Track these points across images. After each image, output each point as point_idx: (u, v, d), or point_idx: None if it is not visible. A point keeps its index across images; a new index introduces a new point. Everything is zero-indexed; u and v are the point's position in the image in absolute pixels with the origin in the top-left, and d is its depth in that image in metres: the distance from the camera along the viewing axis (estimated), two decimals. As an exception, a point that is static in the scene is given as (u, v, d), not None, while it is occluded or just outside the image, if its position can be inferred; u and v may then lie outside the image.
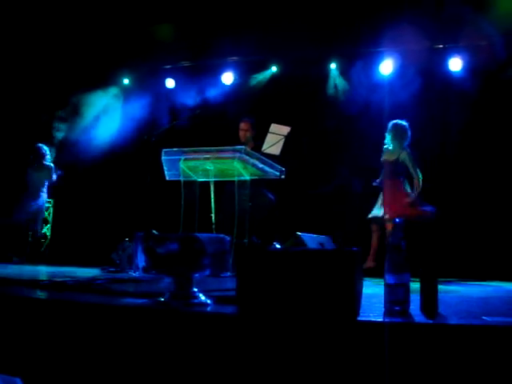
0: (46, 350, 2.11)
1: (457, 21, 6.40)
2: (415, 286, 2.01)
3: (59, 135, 7.71)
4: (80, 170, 7.35)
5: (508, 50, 6.27)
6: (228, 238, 2.18)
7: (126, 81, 8.13)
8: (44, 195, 6.95)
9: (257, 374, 1.81)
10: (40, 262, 6.66)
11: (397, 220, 2.02)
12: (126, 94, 7.98)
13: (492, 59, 6.35)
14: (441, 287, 2.03)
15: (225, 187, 4.94)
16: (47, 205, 7.87)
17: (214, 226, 4.62)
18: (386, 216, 5.07)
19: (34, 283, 3.01)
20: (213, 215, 4.67)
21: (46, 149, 7.02)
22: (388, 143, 5.48)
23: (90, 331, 2.09)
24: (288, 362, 1.78)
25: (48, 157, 7.01)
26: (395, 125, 5.43)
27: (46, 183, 6.95)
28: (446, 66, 6.76)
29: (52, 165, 7.00)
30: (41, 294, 2.57)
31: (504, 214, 5.89)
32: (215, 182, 4.72)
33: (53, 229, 8.26)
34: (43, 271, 4.95)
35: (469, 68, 6.60)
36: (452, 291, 3.48)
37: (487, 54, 6.40)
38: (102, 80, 7.80)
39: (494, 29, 6.23)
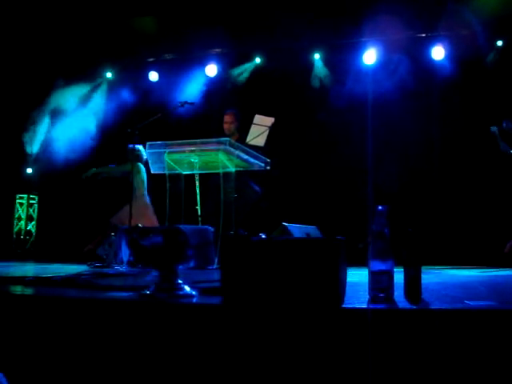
0: (30, 346, 2.10)
1: (438, 10, 6.44)
2: (399, 273, 2.03)
3: (41, 131, 7.63)
4: (64, 166, 7.28)
5: (489, 39, 6.34)
6: (212, 229, 2.18)
7: (109, 74, 8.08)
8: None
9: (242, 363, 1.82)
10: (26, 260, 6.62)
11: (379, 207, 2.03)
12: (110, 87, 7.93)
13: (474, 48, 6.41)
14: (424, 273, 2.05)
15: (210, 179, 4.93)
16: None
17: (200, 219, 4.62)
18: None
19: (19, 280, 2.98)
20: (198, 207, 4.67)
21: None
22: None
23: (75, 326, 2.08)
24: (273, 349, 1.80)
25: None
26: None
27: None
28: (429, 54, 6.81)
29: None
30: (26, 291, 2.55)
31: (486, 202, 5.97)
32: (200, 175, 4.72)
33: (38, 226, 8.21)
34: (29, 268, 4.92)
35: (451, 56, 6.65)
36: (435, 277, 3.52)
37: (469, 42, 6.46)
38: (85, 74, 7.74)
39: (474, 18, 6.28)
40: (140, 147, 6.22)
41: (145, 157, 6.13)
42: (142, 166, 6.05)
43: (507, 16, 6.23)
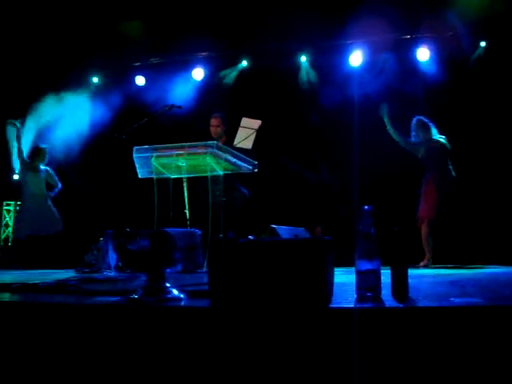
0: (18, 352, 2.08)
1: (422, 12, 6.51)
2: (387, 272, 2.04)
3: (29, 135, 7.57)
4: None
5: (473, 40, 6.42)
6: (199, 232, 2.18)
7: (95, 79, 8.05)
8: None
9: (231, 365, 1.82)
10: (13, 266, 6.56)
11: (365, 207, 2.04)
12: (96, 92, 7.90)
13: (458, 49, 6.49)
14: (411, 272, 2.06)
15: (198, 183, 4.93)
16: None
17: (188, 222, 4.61)
18: None
19: (6, 287, 2.95)
20: (187, 211, 4.66)
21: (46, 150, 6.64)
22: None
23: (63, 332, 2.07)
24: (262, 351, 1.80)
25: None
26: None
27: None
28: (414, 55, 6.88)
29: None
30: (13, 297, 2.53)
31: (470, 200, 5.99)
32: (188, 178, 4.71)
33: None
34: (16, 275, 4.87)
35: (436, 57, 6.73)
36: (422, 276, 3.55)
37: (453, 43, 6.54)
38: (71, 79, 7.69)
39: (458, 19, 6.35)
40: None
41: None
42: None
43: (490, 17, 6.31)
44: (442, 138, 5.60)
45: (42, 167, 6.61)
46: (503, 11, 6.16)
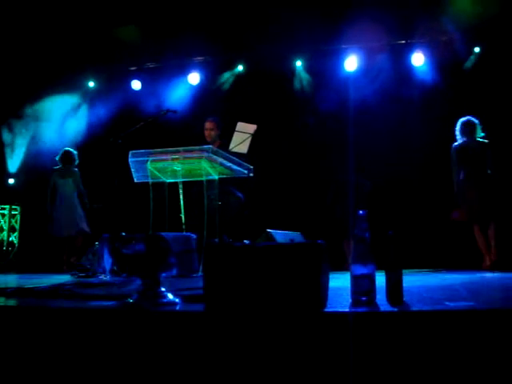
0: (12, 357, 2.07)
1: (417, 17, 6.56)
2: (381, 276, 2.05)
3: (25, 139, 7.57)
4: (47, 175, 7.23)
5: (467, 45, 6.47)
6: (194, 237, 2.18)
7: (91, 84, 8.05)
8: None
9: (225, 369, 1.82)
10: (8, 271, 6.55)
11: (360, 212, 2.05)
12: (92, 96, 7.91)
13: (452, 54, 6.54)
14: (406, 277, 2.07)
15: (194, 187, 4.94)
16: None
17: (184, 227, 4.61)
18: None
19: (1, 291, 2.94)
20: (182, 215, 4.66)
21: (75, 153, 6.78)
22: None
23: (58, 336, 2.06)
24: (256, 355, 1.80)
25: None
26: None
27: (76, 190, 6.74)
28: (409, 60, 6.93)
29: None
30: (8, 302, 2.52)
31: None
32: (184, 183, 4.72)
33: (20, 237, 8.11)
34: (11, 279, 4.86)
35: (431, 62, 6.78)
36: (417, 280, 3.56)
37: (447, 49, 6.58)
38: (67, 83, 7.70)
39: (452, 25, 6.40)
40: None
41: None
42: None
43: (484, 23, 6.36)
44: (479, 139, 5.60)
45: (72, 170, 6.73)
46: (497, 16, 6.21)
